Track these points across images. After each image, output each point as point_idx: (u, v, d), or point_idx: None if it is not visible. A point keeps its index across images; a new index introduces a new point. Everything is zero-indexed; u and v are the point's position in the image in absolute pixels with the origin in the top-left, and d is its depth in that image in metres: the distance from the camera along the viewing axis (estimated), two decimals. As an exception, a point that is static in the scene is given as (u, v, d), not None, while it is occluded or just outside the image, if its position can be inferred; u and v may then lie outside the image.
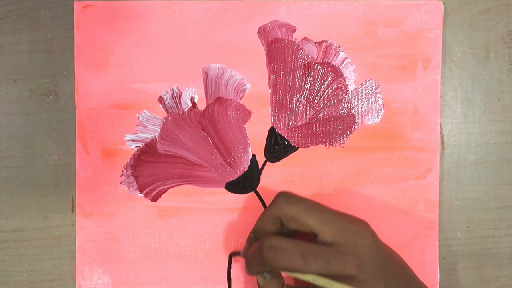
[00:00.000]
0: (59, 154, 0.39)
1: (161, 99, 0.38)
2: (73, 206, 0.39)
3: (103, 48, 0.38)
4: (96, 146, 0.38)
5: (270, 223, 0.32)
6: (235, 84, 0.38)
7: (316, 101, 0.38)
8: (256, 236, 0.33)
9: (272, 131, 0.38)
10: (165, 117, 0.38)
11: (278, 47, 0.38)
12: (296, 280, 0.37)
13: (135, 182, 0.38)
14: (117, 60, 0.38)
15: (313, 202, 0.32)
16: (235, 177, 0.38)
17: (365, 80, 0.38)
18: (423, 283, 0.33)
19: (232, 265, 0.38)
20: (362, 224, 0.32)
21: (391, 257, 0.33)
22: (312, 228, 0.31)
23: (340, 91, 0.38)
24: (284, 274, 0.32)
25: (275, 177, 0.38)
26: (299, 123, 0.38)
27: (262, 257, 0.30)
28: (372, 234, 0.31)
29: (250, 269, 0.32)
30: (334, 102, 0.38)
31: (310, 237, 0.32)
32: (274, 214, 0.32)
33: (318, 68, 0.38)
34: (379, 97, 0.38)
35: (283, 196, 0.32)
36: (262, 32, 0.38)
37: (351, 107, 0.38)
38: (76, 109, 0.38)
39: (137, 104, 0.38)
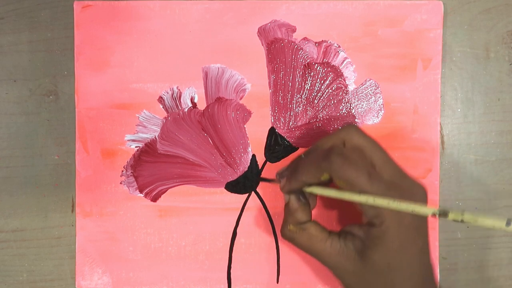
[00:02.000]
0: (59, 154, 0.39)
1: (161, 99, 0.38)
2: (73, 206, 0.39)
3: (103, 48, 0.38)
4: (96, 146, 0.38)
5: (332, 145, 0.31)
6: (235, 84, 0.38)
7: (316, 101, 0.38)
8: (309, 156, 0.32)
9: (272, 131, 0.38)
10: (165, 117, 0.38)
11: (278, 47, 0.38)
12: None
13: (135, 182, 0.38)
14: (117, 60, 0.38)
15: (379, 144, 0.32)
16: (235, 177, 0.38)
17: (365, 80, 0.38)
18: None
19: (232, 265, 0.38)
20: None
21: None
22: (374, 163, 0.31)
23: (340, 91, 0.38)
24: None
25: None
26: (299, 123, 0.38)
27: (330, 160, 0.29)
28: (425, 192, 0.31)
29: (297, 180, 0.31)
30: (334, 102, 0.38)
31: None
32: (342, 137, 0.31)
33: (318, 68, 0.38)
34: (379, 97, 0.38)
35: (355, 126, 0.32)
36: (262, 32, 0.38)
37: (351, 107, 0.38)
38: (76, 109, 0.38)
39: (137, 104, 0.38)
